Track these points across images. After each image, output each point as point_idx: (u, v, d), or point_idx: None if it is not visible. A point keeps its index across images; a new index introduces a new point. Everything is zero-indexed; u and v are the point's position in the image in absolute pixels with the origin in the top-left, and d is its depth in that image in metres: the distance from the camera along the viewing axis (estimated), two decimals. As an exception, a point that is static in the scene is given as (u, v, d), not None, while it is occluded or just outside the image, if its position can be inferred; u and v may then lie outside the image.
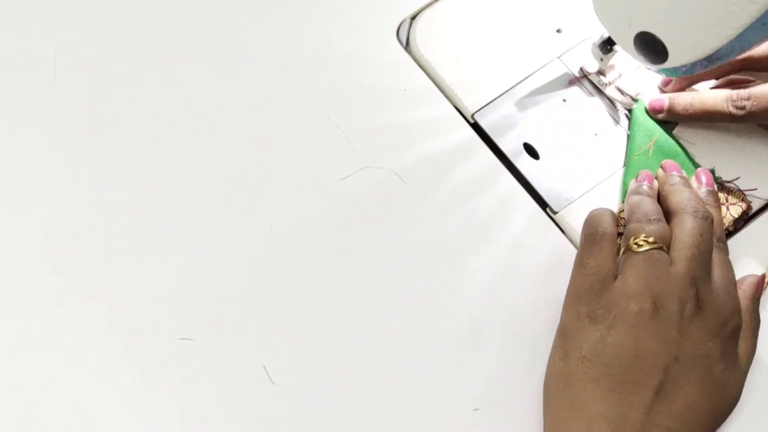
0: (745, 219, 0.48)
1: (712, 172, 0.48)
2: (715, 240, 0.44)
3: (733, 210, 0.48)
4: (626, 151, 0.49)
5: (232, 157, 0.48)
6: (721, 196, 0.48)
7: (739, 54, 0.40)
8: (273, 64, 0.51)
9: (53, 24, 0.51)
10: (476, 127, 0.50)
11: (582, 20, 0.51)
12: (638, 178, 0.47)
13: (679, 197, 0.44)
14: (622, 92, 0.50)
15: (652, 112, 0.49)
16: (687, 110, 0.48)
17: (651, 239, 0.42)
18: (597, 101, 0.51)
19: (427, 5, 0.53)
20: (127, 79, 0.50)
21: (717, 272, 0.43)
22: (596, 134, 0.50)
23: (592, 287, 0.42)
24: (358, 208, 0.47)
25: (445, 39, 0.52)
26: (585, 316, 0.41)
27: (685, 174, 0.47)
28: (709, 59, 0.40)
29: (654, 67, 0.44)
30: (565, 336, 0.42)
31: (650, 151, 0.48)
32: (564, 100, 0.51)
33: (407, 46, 0.52)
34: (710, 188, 0.47)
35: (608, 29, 0.44)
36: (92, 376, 0.43)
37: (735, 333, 0.42)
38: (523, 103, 0.51)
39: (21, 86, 0.49)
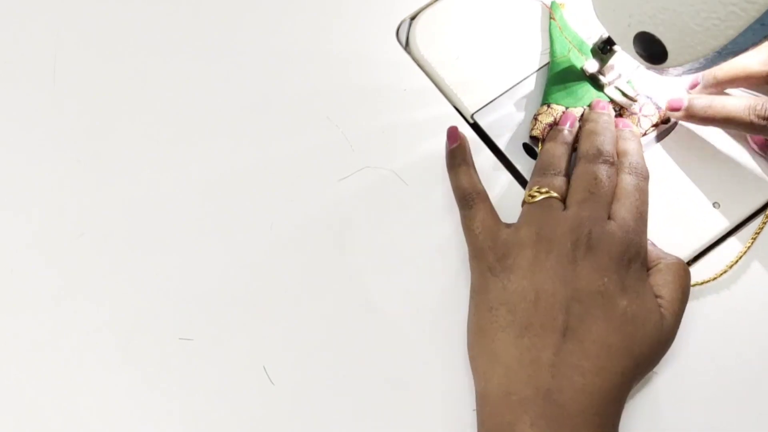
0: (658, 125, 0.50)
1: (629, 82, 0.49)
2: (627, 172, 0.45)
3: (644, 122, 0.49)
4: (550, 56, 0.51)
5: (232, 157, 0.48)
6: (636, 106, 0.49)
7: (739, 54, 0.40)
8: (273, 64, 0.51)
9: (53, 24, 0.51)
10: (476, 127, 0.50)
11: (582, 20, 0.51)
12: (561, 121, 0.48)
13: (587, 144, 0.46)
14: (621, 93, 0.50)
15: (670, 111, 0.49)
16: (706, 112, 0.47)
17: (544, 189, 0.44)
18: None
19: (427, 5, 0.53)
20: (127, 78, 0.50)
21: (617, 207, 0.43)
22: (596, 134, 0.50)
23: (484, 243, 0.44)
24: (358, 208, 0.47)
25: (444, 39, 0.52)
26: (486, 270, 0.43)
27: (611, 112, 0.49)
28: (709, 59, 0.40)
29: (654, 68, 0.44)
30: (474, 292, 0.44)
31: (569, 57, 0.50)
32: (564, 100, 0.51)
33: (407, 46, 0.52)
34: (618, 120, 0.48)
35: (608, 29, 0.44)
36: (92, 376, 0.43)
37: (635, 266, 0.42)
38: (522, 103, 0.51)
39: (21, 85, 0.50)
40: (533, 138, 0.49)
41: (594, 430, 0.39)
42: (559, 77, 0.50)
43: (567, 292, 0.41)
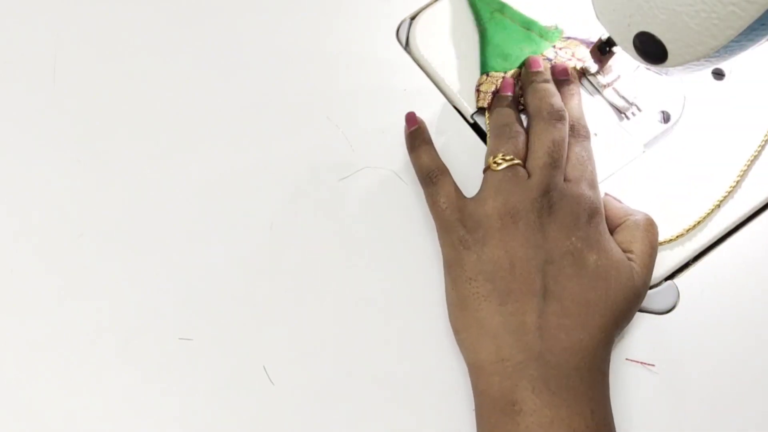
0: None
1: (556, 29, 0.50)
2: (573, 133, 0.47)
3: (578, 63, 0.50)
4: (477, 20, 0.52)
5: (232, 157, 0.48)
6: (568, 52, 0.50)
7: (739, 54, 0.40)
8: (273, 64, 0.51)
9: (53, 24, 0.51)
10: (476, 127, 0.50)
11: (582, 20, 0.51)
12: (502, 89, 0.49)
13: (535, 102, 0.47)
14: (619, 95, 0.50)
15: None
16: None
17: (509, 157, 0.45)
18: (597, 101, 0.51)
19: (427, 5, 0.53)
20: (127, 79, 0.50)
21: (569, 169, 0.45)
22: (596, 134, 0.50)
23: (452, 216, 0.44)
24: (358, 208, 0.47)
25: (444, 39, 0.52)
26: (458, 243, 0.44)
27: (547, 66, 0.49)
28: (709, 59, 0.40)
29: (654, 68, 0.44)
30: (448, 266, 0.44)
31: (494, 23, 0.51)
32: (564, 100, 0.51)
33: (407, 47, 0.52)
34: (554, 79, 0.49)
35: (608, 29, 0.44)
36: (92, 376, 0.43)
37: (593, 221, 0.44)
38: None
39: (21, 85, 0.50)
40: (480, 110, 0.49)
41: (589, 384, 0.40)
42: (491, 43, 0.51)
43: (540, 256, 0.42)
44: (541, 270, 0.42)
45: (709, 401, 0.44)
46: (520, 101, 0.49)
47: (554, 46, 0.51)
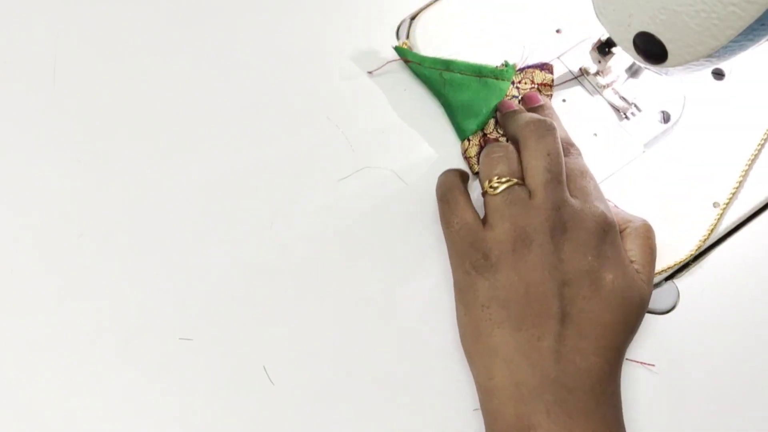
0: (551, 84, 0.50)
1: (507, 66, 0.49)
2: (564, 153, 0.45)
3: (545, 91, 0.50)
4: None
5: (232, 157, 0.48)
6: (527, 82, 0.50)
7: (739, 54, 0.40)
8: (273, 64, 0.51)
9: (53, 24, 0.51)
10: (476, 127, 0.50)
11: (582, 20, 0.51)
12: (486, 143, 0.48)
13: (519, 125, 0.46)
14: (619, 95, 0.50)
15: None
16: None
17: (504, 178, 0.43)
18: (597, 101, 0.51)
19: (427, 5, 0.53)
20: (127, 79, 0.50)
21: (572, 185, 0.44)
22: (596, 134, 0.50)
23: (465, 241, 0.43)
24: (358, 208, 0.47)
25: (444, 39, 0.52)
26: (471, 269, 0.43)
27: (517, 104, 0.49)
28: (709, 59, 0.40)
29: (654, 68, 0.44)
30: (461, 292, 0.43)
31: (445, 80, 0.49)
32: (564, 100, 0.51)
33: (407, 46, 0.52)
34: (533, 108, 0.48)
35: (608, 29, 0.44)
36: (92, 375, 0.43)
37: (608, 237, 0.43)
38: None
39: (21, 85, 0.50)
40: (477, 174, 0.48)
41: (605, 407, 0.40)
42: (456, 107, 0.49)
43: (556, 278, 0.41)
44: (558, 293, 0.41)
45: (709, 401, 0.44)
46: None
47: (513, 82, 0.49)
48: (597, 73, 0.51)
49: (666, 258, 0.47)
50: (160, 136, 0.49)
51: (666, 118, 0.50)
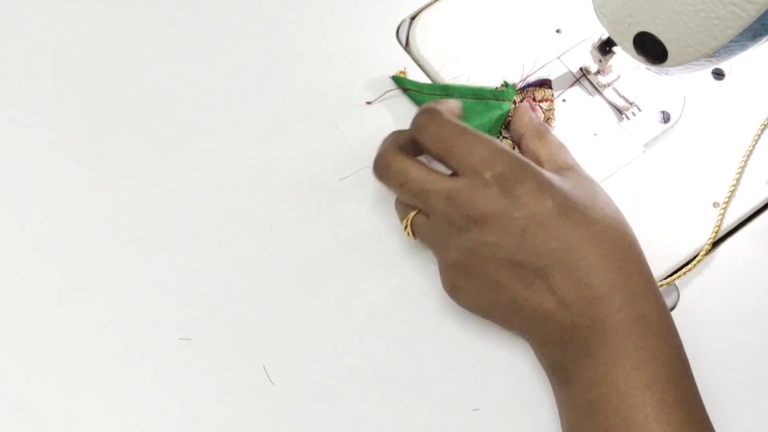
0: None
1: (507, 86, 0.49)
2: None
3: (545, 105, 0.50)
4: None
5: (232, 158, 0.48)
6: (529, 98, 0.49)
7: (739, 54, 0.40)
8: (273, 64, 0.51)
9: (53, 24, 0.51)
10: (476, 127, 0.50)
11: (582, 20, 0.51)
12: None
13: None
14: (619, 95, 0.50)
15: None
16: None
17: (404, 221, 0.44)
18: (597, 101, 0.51)
19: (427, 5, 0.53)
20: (127, 79, 0.50)
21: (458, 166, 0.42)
22: (596, 134, 0.50)
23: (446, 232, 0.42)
24: (358, 208, 0.47)
25: (445, 39, 0.52)
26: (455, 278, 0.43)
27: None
28: (709, 59, 0.40)
29: (654, 68, 0.44)
30: (455, 267, 0.43)
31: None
32: (564, 101, 0.51)
33: (407, 46, 0.52)
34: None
35: (608, 29, 0.44)
36: (92, 375, 0.43)
37: (509, 183, 0.40)
38: (522, 104, 0.51)
39: (21, 86, 0.49)
40: None
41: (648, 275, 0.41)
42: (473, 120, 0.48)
43: (504, 265, 0.41)
44: (516, 273, 0.41)
45: (709, 401, 0.44)
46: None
47: (515, 102, 0.49)
48: (598, 72, 0.51)
49: (666, 258, 0.47)
50: (160, 136, 0.49)
51: (666, 118, 0.50)
